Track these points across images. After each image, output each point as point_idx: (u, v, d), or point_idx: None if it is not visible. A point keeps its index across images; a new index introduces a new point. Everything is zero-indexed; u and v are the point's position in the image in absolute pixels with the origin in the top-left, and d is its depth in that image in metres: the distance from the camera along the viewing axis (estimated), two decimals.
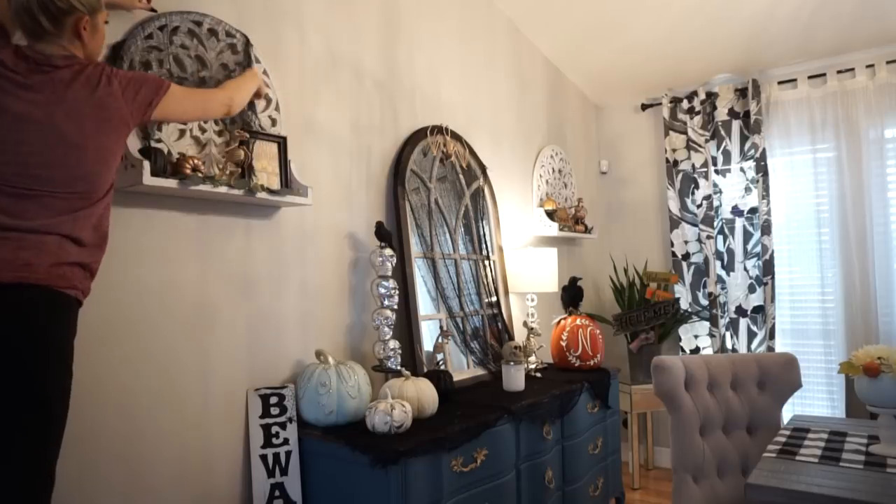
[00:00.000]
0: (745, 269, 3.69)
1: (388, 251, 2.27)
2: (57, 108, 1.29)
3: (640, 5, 3.20)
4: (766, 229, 3.56)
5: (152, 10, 1.71)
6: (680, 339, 3.90)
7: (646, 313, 3.62)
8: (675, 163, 3.93)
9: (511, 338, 2.94)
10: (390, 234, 2.30)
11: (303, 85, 2.21)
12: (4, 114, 1.25)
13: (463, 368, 2.69)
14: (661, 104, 4.02)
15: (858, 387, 1.83)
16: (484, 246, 2.95)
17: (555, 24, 3.45)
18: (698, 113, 3.83)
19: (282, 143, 2.00)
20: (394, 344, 2.24)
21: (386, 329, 2.23)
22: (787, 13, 3.15)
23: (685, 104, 3.90)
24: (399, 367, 2.22)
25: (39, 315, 1.24)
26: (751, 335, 3.65)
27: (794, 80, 3.58)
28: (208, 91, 1.70)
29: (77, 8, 1.34)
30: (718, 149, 3.78)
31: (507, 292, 3.07)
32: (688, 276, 3.90)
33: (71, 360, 1.30)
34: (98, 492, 1.59)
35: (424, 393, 2.07)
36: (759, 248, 3.63)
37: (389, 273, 2.27)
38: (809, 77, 3.53)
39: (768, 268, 3.55)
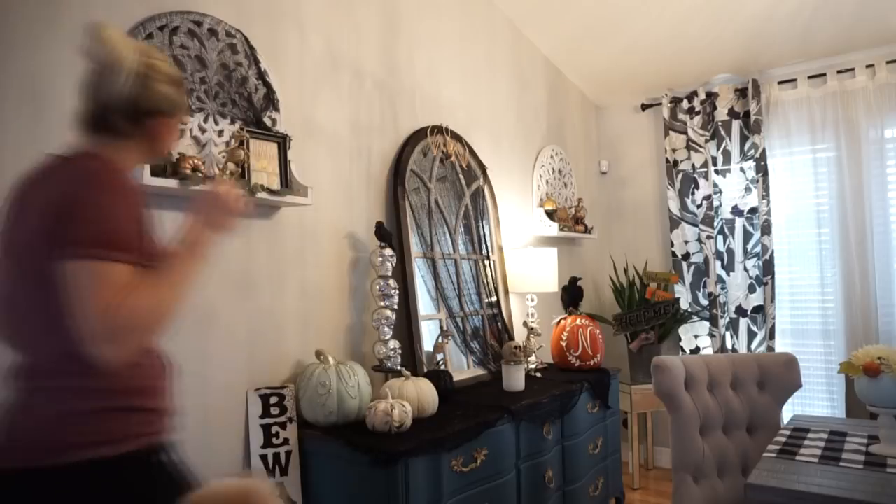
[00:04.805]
0: (745, 269, 3.69)
1: (388, 251, 2.27)
2: None
3: (641, 5, 3.20)
4: (766, 229, 3.56)
5: None
6: (680, 339, 3.90)
7: (646, 313, 3.62)
8: (675, 163, 3.93)
9: (511, 338, 2.94)
10: (390, 234, 2.30)
11: (303, 85, 2.21)
12: None
13: (463, 368, 2.69)
14: (661, 104, 4.02)
15: (858, 387, 1.83)
16: (484, 246, 2.94)
17: (555, 24, 3.45)
18: (698, 113, 3.83)
19: (282, 142, 2.00)
20: (394, 344, 2.24)
21: (386, 329, 2.23)
22: (786, 13, 3.15)
23: (685, 104, 3.90)
24: (399, 367, 2.21)
25: None
26: (751, 335, 3.65)
27: (794, 80, 3.58)
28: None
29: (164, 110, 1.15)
30: (718, 149, 3.78)
31: (507, 292, 3.07)
32: (688, 276, 3.90)
33: None
34: None
35: (424, 393, 2.07)
36: (759, 248, 3.63)
37: (389, 273, 2.26)
38: (809, 77, 3.53)
39: (768, 268, 3.55)
